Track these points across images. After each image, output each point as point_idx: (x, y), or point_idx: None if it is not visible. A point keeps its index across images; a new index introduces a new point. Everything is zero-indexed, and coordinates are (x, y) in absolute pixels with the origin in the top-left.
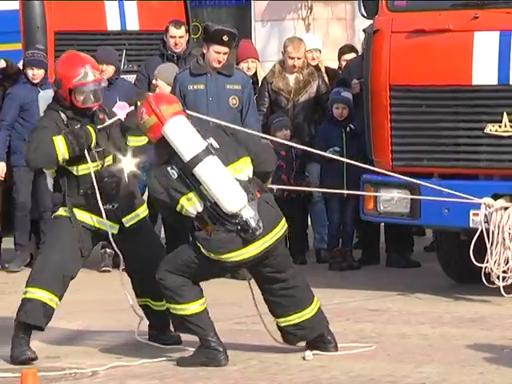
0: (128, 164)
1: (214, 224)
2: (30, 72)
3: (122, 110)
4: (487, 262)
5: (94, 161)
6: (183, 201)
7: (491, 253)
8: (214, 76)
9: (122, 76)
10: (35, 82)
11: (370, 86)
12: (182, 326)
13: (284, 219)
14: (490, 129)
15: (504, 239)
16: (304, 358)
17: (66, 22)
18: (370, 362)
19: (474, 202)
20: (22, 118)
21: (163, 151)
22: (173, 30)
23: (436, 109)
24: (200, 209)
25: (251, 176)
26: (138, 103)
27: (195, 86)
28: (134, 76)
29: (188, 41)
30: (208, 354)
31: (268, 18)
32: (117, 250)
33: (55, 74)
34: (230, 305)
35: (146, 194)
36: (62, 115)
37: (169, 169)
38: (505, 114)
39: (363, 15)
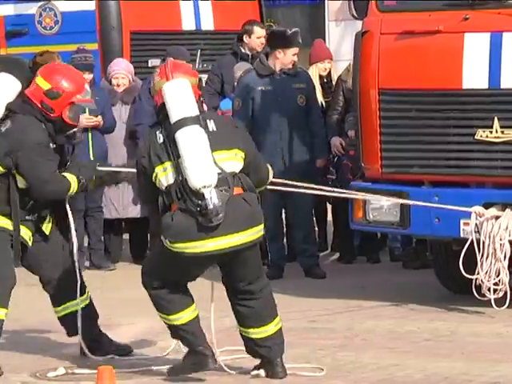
0: None
1: (179, 200)
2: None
3: None
4: (478, 273)
5: None
6: (159, 169)
7: (482, 264)
8: (281, 76)
9: None
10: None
11: (359, 89)
12: (175, 334)
13: (262, 225)
14: (481, 134)
15: (495, 250)
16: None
17: (141, 21)
18: (444, 361)
19: (464, 210)
20: None
21: (160, 114)
22: (259, 31)
23: (426, 114)
24: (171, 181)
25: (237, 172)
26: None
27: (263, 87)
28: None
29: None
30: (196, 360)
31: (342, 18)
32: None
33: (51, 83)
34: (303, 303)
35: None
36: (44, 128)
37: (157, 132)
38: (496, 119)
39: (354, 16)
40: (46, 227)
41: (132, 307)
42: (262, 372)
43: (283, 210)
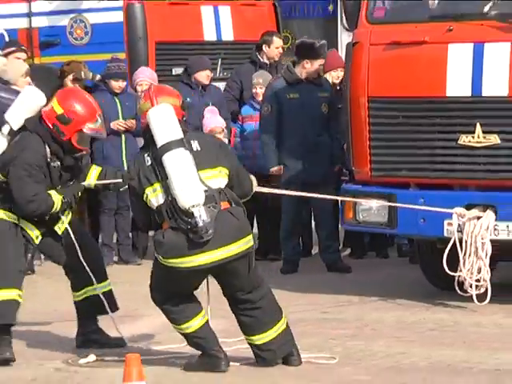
0: None
1: (170, 219)
2: (115, 83)
3: (211, 114)
4: (460, 270)
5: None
6: (149, 190)
7: (464, 262)
8: (307, 85)
9: (214, 83)
10: (117, 92)
11: (350, 97)
12: (190, 341)
13: (250, 236)
14: (464, 140)
15: (477, 248)
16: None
17: (165, 32)
18: (448, 349)
19: (447, 211)
20: None
21: (146, 137)
22: (277, 41)
23: (413, 120)
24: (161, 201)
25: (223, 187)
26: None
27: (291, 95)
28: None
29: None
30: (209, 361)
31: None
32: None
33: (64, 108)
34: (316, 296)
35: None
36: (47, 149)
37: (145, 155)
38: (478, 124)
39: (345, 28)
40: (59, 227)
41: None
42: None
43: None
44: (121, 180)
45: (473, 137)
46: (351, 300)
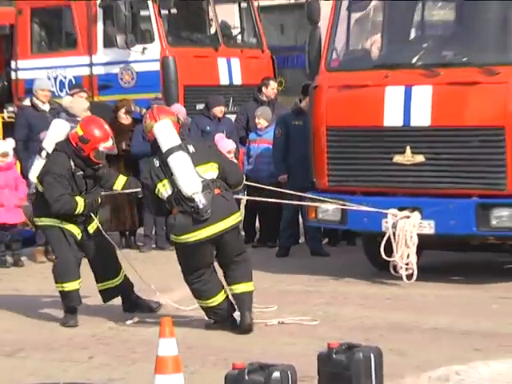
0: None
1: (177, 205)
2: None
3: (220, 139)
4: (394, 256)
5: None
6: (159, 185)
7: (397, 250)
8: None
9: (227, 115)
10: None
11: (313, 126)
12: (210, 313)
13: (238, 213)
14: (397, 158)
15: (406, 240)
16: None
17: (191, 78)
18: (400, 313)
19: (384, 212)
20: None
21: (154, 146)
22: (273, 84)
23: (359, 143)
24: (170, 192)
25: (215, 178)
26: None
27: (296, 122)
28: (236, 116)
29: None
30: (227, 323)
31: None
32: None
33: (84, 131)
34: (302, 274)
35: None
36: (71, 162)
37: (154, 159)
38: (408, 147)
39: (308, 74)
40: (91, 227)
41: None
42: (236, 315)
43: None
44: (140, 189)
45: (404, 156)
46: (328, 277)
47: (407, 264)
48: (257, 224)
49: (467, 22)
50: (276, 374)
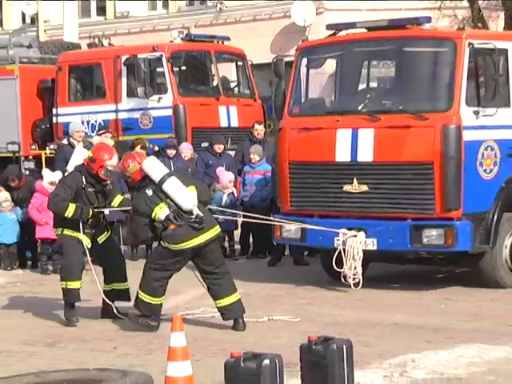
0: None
1: (177, 221)
2: (169, 152)
3: (221, 172)
4: (343, 268)
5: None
6: (157, 208)
7: (346, 263)
8: None
9: (228, 152)
10: (171, 157)
11: (278, 161)
12: (141, 307)
13: (218, 225)
14: (346, 188)
15: (354, 255)
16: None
17: (198, 121)
18: (367, 312)
19: (336, 231)
20: None
21: (141, 183)
22: (258, 126)
23: (315, 175)
24: (167, 213)
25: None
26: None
27: None
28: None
29: (265, 132)
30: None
31: None
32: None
33: (93, 153)
34: (285, 279)
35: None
36: (83, 178)
37: (146, 190)
38: (355, 178)
39: (274, 118)
40: (101, 239)
41: (188, 280)
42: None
43: None
44: (130, 207)
45: (351, 186)
46: (307, 282)
47: (354, 274)
48: (250, 239)
49: (403, 78)
50: (266, 362)
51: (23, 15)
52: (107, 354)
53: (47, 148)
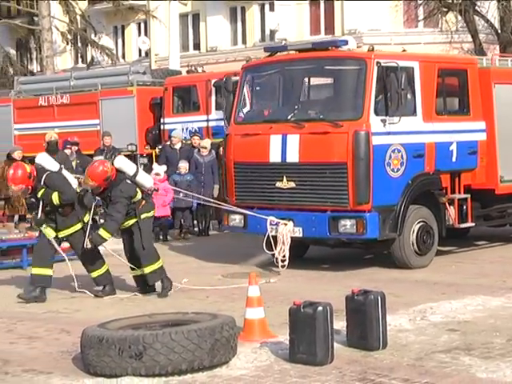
0: None
1: (144, 199)
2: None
3: None
4: (274, 251)
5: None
6: (137, 192)
7: (276, 247)
8: None
9: None
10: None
11: (225, 161)
12: (162, 272)
13: None
14: (278, 184)
15: (283, 240)
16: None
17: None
18: (396, 271)
19: (267, 218)
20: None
21: (117, 177)
22: None
23: (253, 173)
24: (140, 196)
25: None
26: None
27: None
28: None
29: None
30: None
31: None
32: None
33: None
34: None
35: None
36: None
37: (127, 181)
38: (284, 176)
39: (225, 126)
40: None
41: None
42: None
43: None
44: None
45: (282, 183)
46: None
47: (283, 257)
48: None
49: (323, 91)
50: (320, 308)
51: (139, 50)
52: (201, 301)
53: (156, 148)
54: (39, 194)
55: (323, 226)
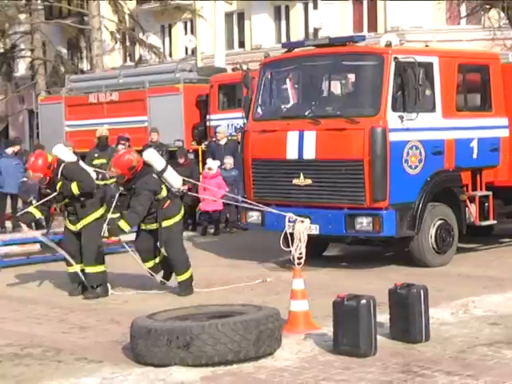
0: None
1: (170, 199)
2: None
3: None
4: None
5: None
6: (162, 189)
7: (293, 244)
8: None
9: None
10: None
11: (243, 158)
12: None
13: None
14: (295, 181)
15: (300, 238)
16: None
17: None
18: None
19: (286, 214)
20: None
21: (143, 170)
22: None
23: (271, 170)
24: (165, 194)
25: None
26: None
27: None
28: None
29: None
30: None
31: None
32: None
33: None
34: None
35: None
36: None
37: (153, 175)
38: (301, 173)
39: (244, 123)
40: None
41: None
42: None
43: None
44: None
45: (299, 180)
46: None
47: (300, 253)
48: None
49: (341, 87)
50: (363, 301)
51: (186, 48)
52: (246, 293)
53: (203, 144)
54: (57, 187)
55: (339, 223)
